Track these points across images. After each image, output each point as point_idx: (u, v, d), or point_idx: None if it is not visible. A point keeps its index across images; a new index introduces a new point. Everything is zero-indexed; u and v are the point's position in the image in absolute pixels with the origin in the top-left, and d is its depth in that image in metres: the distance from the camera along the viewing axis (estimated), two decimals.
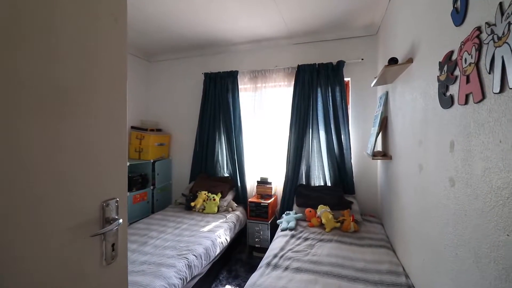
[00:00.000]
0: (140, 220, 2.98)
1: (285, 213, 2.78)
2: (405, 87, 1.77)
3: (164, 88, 4.02)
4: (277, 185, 3.32)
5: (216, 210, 3.08)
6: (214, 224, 2.73)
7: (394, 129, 2.09)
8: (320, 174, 3.07)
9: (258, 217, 3.00)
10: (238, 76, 3.44)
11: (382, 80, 2.20)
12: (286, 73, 3.28)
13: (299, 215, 2.69)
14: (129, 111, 3.89)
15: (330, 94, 3.03)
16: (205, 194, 3.19)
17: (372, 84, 2.29)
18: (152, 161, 3.54)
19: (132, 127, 3.70)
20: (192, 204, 3.13)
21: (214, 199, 3.11)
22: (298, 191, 2.99)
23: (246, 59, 3.52)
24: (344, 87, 2.98)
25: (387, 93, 2.38)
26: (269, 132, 3.39)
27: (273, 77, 3.35)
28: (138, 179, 3.39)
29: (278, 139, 3.34)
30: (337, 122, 2.97)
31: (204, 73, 3.58)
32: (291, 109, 3.15)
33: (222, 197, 3.21)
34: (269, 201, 3.01)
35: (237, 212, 3.10)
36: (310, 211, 2.66)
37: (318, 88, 3.08)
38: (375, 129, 2.47)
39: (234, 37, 3.27)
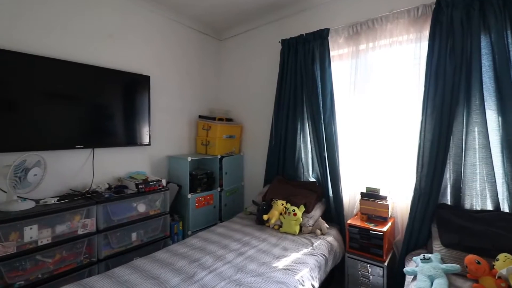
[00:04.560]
0: (202, 229, 2.39)
1: (421, 256, 1.56)
2: None
3: (235, 69, 3.32)
4: (396, 202, 2.10)
5: (297, 230, 2.14)
6: (294, 256, 1.79)
7: None
8: (485, 190, 1.68)
9: (365, 252, 1.89)
10: (330, 37, 2.36)
11: None
12: (412, 19, 1.99)
13: (453, 266, 1.44)
14: (198, 98, 3.42)
15: (510, 41, 1.60)
16: (283, 205, 2.30)
17: None
18: (219, 156, 2.90)
19: (200, 116, 3.16)
20: (265, 217, 2.29)
21: (295, 214, 2.18)
22: (442, 218, 1.71)
23: (341, 10, 2.39)
24: None
25: None
26: (380, 116, 2.18)
27: (387, 29, 2.11)
28: (203, 178, 2.81)
29: (397, 127, 2.09)
30: None
31: (282, 40, 2.66)
32: (426, 76, 1.86)
33: (306, 211, 2.24)
34: (384, 228, 1.85)
35: (329, 238, 2.07)
36: (479, 263, 1.38)
37: (483, 32, 1.69)
38: None
39: None
